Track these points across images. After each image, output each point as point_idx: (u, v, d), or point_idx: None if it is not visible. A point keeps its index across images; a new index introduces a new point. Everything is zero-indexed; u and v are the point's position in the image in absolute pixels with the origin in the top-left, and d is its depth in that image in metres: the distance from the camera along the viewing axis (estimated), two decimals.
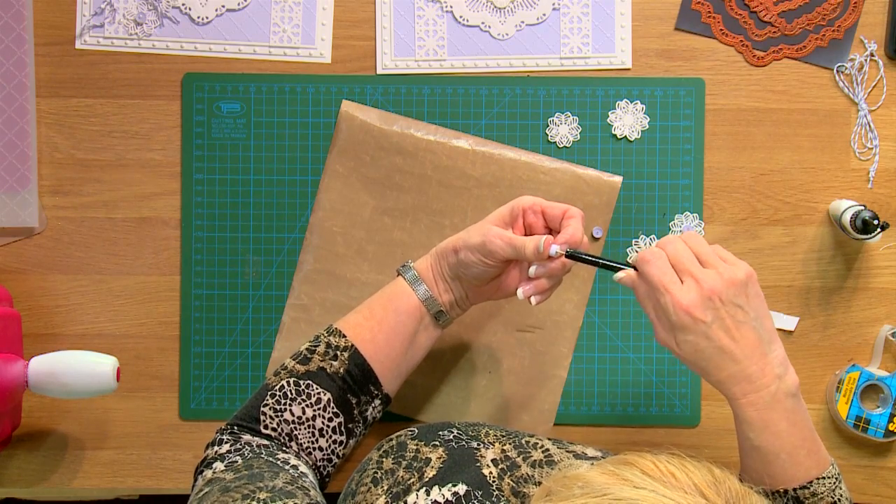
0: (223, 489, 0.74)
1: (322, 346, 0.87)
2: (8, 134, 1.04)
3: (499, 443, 0.82)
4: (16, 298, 1.05)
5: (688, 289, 0.76)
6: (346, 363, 0.86)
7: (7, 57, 1.04)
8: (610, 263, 0.83)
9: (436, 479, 0.76)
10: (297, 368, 0.87)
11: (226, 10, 1.05)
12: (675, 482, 0.53)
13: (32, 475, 1.05)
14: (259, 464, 0.79)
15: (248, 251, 1.05)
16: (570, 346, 1.04)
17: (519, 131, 1.04)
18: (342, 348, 0.87)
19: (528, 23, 1.05)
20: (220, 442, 0.84)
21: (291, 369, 0.87)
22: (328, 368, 0.86)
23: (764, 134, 1.05)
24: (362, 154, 1.04)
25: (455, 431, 0.83)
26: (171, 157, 1.06)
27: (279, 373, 0.87)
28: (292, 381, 0.86)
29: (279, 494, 0.72)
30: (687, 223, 1.04)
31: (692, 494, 0.52)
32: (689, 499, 0.52)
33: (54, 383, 0.94)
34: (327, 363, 0.86)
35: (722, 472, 0.55)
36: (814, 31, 1.04)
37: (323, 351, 0.87)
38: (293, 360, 0.88)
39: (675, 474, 0.54)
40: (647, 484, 0.53)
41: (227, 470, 0.79)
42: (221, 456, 0.81)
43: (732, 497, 0.53)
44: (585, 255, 0.83)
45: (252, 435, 0.84)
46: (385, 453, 0.84)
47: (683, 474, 0.54)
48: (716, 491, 0.53)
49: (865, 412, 1.02)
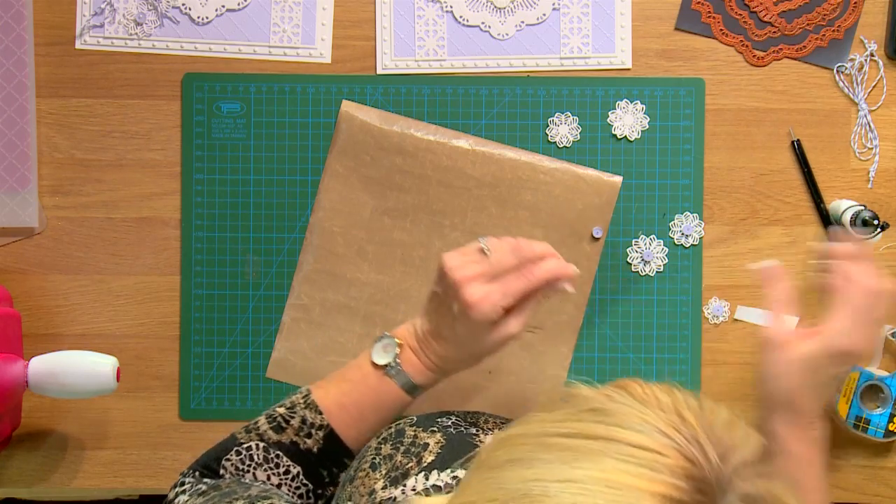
0: None
1: (297, 421, 0.83)
2: (8, 134, 1.04)
3: (498, 429, 0.82)
4: (16, 298, 1.05)
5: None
6: (321, 442, 0.83)
7: (7, 57, 1.04)
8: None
9: (434, 464, 0.75)
10: (270, 435, 0.83)
11: (226, 10, 1.05)
12: (655, 402, 0.53)
13: (32, 475, 1.05)
14: (227, 484, 0.78)
15: (248, 251, 1.05)
16: (570, 346, 1.04)
17: (519, 131, 1.04)
18: (317, 426, 0.83)
19: (528, 23, 1.05)
20: (181, 484, 0.81)
21: (263, 433, 0.83)
22: (301, 445, 0.83)
23: (764, 134, 1.05)
24: (362, 154, 1.04)
25: (453, 418, 0.83)
26: (171, 157, 1.06)
27: (250, 430, 0.83)
28: (262, 445, 0.82)
29: (256, 499, 0.71)
30: (687, 223, 1.04)
31: (668, 413, 0.52)
32: (664, 416, 0.51)
33: (54, 383, 0.94)
34: (301, 439, 0.83)
35: (714, 404, 0.54)
36: (814, 31, 1.04)
37: (297, 426, 0.83)
38: (267, 422, 0.83)
39: (660, 397, 0.53)
40: (627, 401, 0.53)
41: (195, 496, 0.76)
42: (183, 490, 0.79)
43: (716, 423, 0.51)
44: None
45: (213, 479, 0.82)
46: (383, 440, 0.83)
47: (668, 397, 0.53)
48: (696, 415, 0.51)
49: (865, 412, 1.02)
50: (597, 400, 0.53)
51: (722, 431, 0.51)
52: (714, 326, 1.04)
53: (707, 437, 0.50)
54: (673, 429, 0.50)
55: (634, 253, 1.04)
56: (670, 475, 0.47)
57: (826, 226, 1.04)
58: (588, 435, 0.50)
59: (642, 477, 0.47)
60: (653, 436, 0.49)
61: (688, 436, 0.50)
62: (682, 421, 0.51)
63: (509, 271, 0.82)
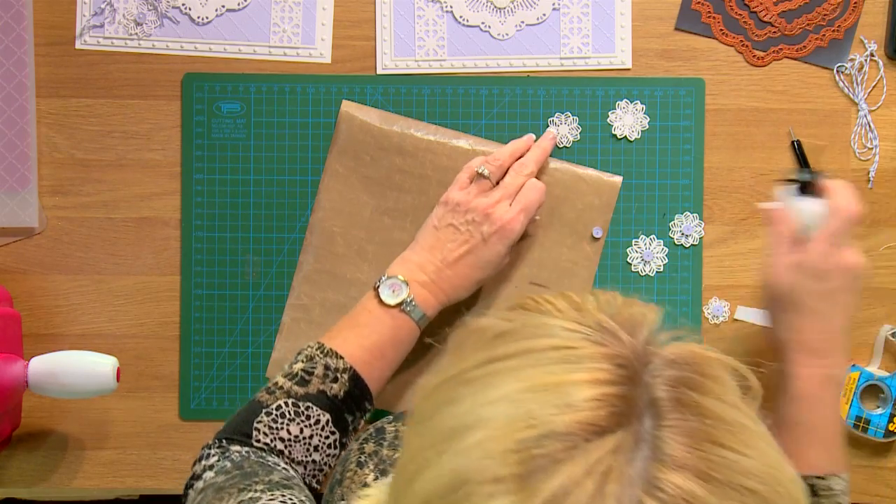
0: (217, 489, 0.74)
1: (320, 369, 0.86)
2: (8, 134, 1.04)
3: None
4: (16, 298, 1.05)
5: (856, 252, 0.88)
6: (346, 385, 0.86)
7: (7, 57, 1.04)
8: None
9: None
10: (296, 390, 0.85)
11: (226, 10, 1.05)
12: (552, 308, 0.54)
13: (32, 475, 1.05)
14: (250, 464, 0.79)
15: (248, 251, 1.05)
16: None
17: (519, 131, 1.04)
18: (342, 370, 0.86)
19: (528, 23, 1.05)
20: (207, 456, 0.82)
21: (288, 390, 0.85)
22: (328, 391, 0.85)
23: (764, 134, 1.05)
24: (362, 154, 1.04)
25: None
26: (171, 157, 1.06)
27: (273, 391, 0.85)
28: (290, 401, 0.84)
29: (276, 486, 0.72)
30: (687, 223, 1.04)
31: (567, 312, 0.53)
32: (564, 316, 0.52)
33: (54, 383, 0.94)
34: (327, 386, 0.85)
35: (608, 293, 0.55)
36: (814, 31, 1.04)
37: (322, 374, 0.86)
38: (288, 380, 0.86)
39: (555, 302, 0.54)
40: (526, 316, 0.54)
41: (218, 474, 0.78)
42: (210, 466, 0.80)
43: (615, 307, 0.53)
44: None
45: (241, 446, 0.83)
46: (364, 440, 0.84)
47: (563, 301, 0.54)
48: (594, 306, 0.53)
49: (865, 412, 1.02)
50: (498, 326, 0.54)
51: (623, 311, 0.52)
52: (714, 326, 1.04)
53: (611, 320, 0.51)
54: (577, 323, 0.51)
55: (634, 253, 1.04)
56: (590, 361, 0.48)
57: None
58: (500, 357, 0.51)
59: (563, 372, 0.48)
60: (561, 335, 0.50)
61: (593, 324, 0.51)
62: (582, 314, 0.52)
63: (514, 183, 0.94)
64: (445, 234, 0.94)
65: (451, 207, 0.94)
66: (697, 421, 0.47)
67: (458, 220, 0.93)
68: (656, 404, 0.47)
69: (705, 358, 0.51)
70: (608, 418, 0.46)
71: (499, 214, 0.93)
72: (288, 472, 0.80)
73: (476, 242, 0.93)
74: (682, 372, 0.49)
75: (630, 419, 0.46)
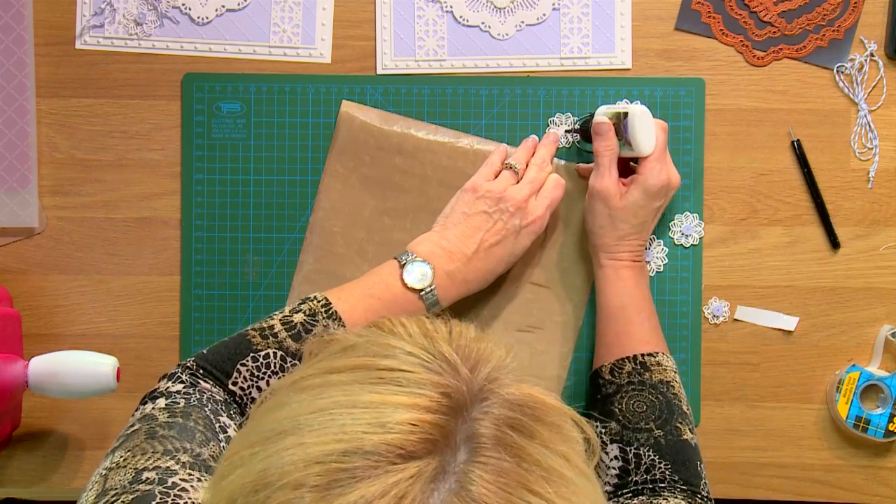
0: (150, 433, 0.72)
1: (319, 329, 0.84)
2: (8, 134, 1.04)
3: None
4: (16, 298, 1.05)
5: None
6: None
7: (7, 57, 1.04)
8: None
9: None
10: (289, 344, 0.83)
11: (226, 10, 1.05)
12: (403, 331, 0.55)
13: (32, 475, 1.05)
14: (197, 417, 0.76)
15: (248, 251, 1.05)
16: (570, 346, 1.04)
17: (519, 131, 1.04)
18: None
19: (528, 23, 1.05)
20: (175, 379, 0.80)
21: (281, 341, 0.83)
22: None
23: (764, 134, 1.05)
24: (362, 154, 1.04)
25: None
26: (171, 157, 1.06)
27: (267, 336, 0.84)
28: (280, 354, 0.83)
29: (199, 464, 0.69)
30: (687, 223, 1.04)
31: (416, 337, 0.54)
32: (411, 341, 0.53)
33: (54, 383, 0.94)
34: None
35: (463, 325, 0.56)
36: (814, 31, 1.04)
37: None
38: (285, 329, 0.84)
39: (408, 326, 0.55)
40: (375, 334, 0.55)
41: (165, 410, 0.75)
42: (169, 393, 0.78)
43: (464, 340, 0.53)
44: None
45: (213, 384, 0.81)
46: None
47: (417, 326, 0.55)
48: (443, 336, 0.54)
49: (865, 412, 1.02)
50: (347, 339, 0.55)
51: (471, 347, 0.53)
52: (714, 326, 1.04)
53: (455, 352, 0.51)
54: (420, 349, 0.52)
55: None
56: (416, 387, 0.49)
57: (826, 225, 1.04)
58: (338, 369, 0.51)
59: (387, 393, 0.48)
60: (400, 357, 0.51)
61: (435, 353, 0.51)
62: (430, 342, 0.53)
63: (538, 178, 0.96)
64: (478, 222, 0.93)
65: (481, 194, 0.94)
66: (514, 463, 0.47)
67: (492, 207, 0.93)
68: (475, 440, 0.47)
69: (545, 405, 0.51)
70: (418, 444, 0.46)
71: (531, 208, 0.94)
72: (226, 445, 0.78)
73: (509, 233, 0.93)
74: (514, 413, 0.49)
75: (442, 449, 0.46)
